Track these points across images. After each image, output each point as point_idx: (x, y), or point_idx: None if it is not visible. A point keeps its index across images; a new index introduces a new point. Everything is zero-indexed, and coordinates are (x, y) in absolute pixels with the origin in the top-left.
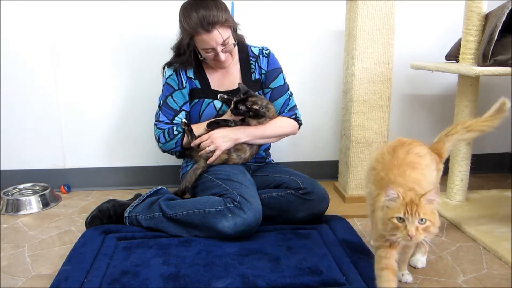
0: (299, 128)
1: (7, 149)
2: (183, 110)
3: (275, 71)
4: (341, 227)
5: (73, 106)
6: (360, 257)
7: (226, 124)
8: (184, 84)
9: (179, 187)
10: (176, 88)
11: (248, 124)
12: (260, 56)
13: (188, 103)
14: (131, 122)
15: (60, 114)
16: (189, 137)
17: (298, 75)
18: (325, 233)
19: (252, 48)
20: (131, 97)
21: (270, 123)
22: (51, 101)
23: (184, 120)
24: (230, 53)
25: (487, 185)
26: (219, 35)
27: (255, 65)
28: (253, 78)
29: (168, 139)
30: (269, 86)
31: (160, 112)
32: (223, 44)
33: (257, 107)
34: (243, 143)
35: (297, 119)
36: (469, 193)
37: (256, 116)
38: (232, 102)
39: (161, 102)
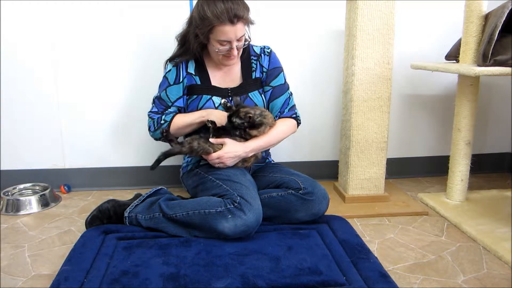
0: (298, 126)
1: (7, 149)
2: (175, 106)
3: (276, 70)
4: (341, 227)
5: (73, 106)
6: (360, 257)
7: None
8: (181, 79)
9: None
10: (172, 82)
11: (250, 135)
12: (262, 54)
13: (182, 99)
14: (131, 122)
15: (60, 114)
16: (211, 134)
17: (298, 75)
18: (325, 233)
19: (253, 47)
20: (131, 97)
21: (273, 131)
22: (51, 101)
23: (211, 119)
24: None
25: (487, 185)
26: (241, 29)
27: (256, 64)
28: (253, 77)
29: (156, 127)
30: (270, 85)
31: (153, 104)
32: (239, 40)
33: (251, 115)
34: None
35: (296, 118)
36: (469, 193)
37: (253, 125)
38: (226, 117)
39: (157, 95)
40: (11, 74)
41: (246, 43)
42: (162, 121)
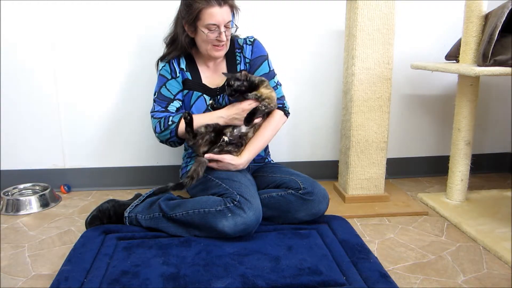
0: (287, 117)
1: (7, 149)
2: (177, 99)
3: (259, 59)
4: (341, 227)
5: (73, 106)
6: (360, 257)
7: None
8: (178, 74)
9: (184, 180)
10: (169, 77)
11: (260, 97)
12: (244, 45)
13: (182, 92)
14: (131, 122)
15: (60, 114)
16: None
17: (298, 75)
18: (325, 233)
19: (238, 40)
20: (131, 97)
21: (266, 130)
22: (51, 101)
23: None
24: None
25: (487, 185)
26: (228, 13)
27: (240, 56)
28: (238, 70)
29: (163, 129)
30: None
31: (154, 103)
32: (226, 26)
33: (248, 75)
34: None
35: (284, 109)
36: (469, 193)
37: (252, 86)
38: (226, 87)
39: (156, 93)
40: (11, 74)
41: (234, 30)
42: (170, 122)
